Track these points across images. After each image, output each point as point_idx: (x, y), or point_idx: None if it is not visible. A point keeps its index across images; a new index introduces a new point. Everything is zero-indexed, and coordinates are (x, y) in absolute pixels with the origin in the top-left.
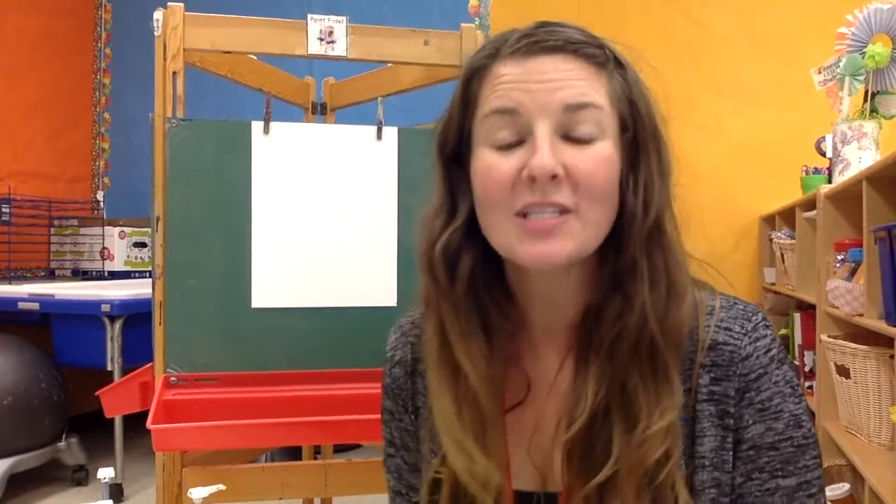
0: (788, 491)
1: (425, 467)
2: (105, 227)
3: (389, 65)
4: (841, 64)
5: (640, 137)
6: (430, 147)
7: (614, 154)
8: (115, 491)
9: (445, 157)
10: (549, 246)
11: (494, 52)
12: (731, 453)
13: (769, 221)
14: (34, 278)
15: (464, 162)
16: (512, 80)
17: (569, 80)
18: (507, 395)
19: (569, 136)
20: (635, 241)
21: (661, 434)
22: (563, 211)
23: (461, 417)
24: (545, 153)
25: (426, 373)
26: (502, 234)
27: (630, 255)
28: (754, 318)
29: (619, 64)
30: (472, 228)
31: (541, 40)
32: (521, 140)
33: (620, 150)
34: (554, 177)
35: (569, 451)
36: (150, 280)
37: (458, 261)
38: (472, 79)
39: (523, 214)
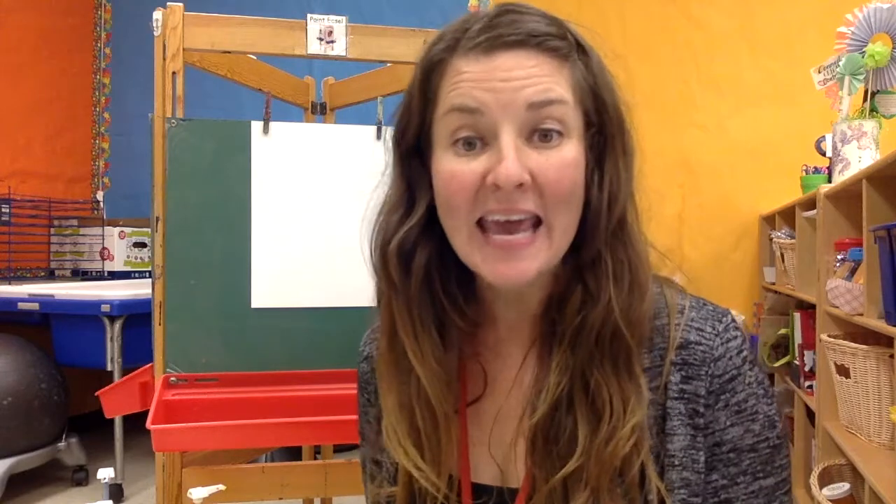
0: (769, 491)
1: (378, 462)
2: (105, 228)
3: (389, 64)
4: (841, 63)
5: (606, 131)
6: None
7: (579, 155)
8: (115, 491)
9: (403, 152)
10: (516, 266)
11: (454, 43)
12: (701, 453)
13: (769, 221)
14: (34, 278)
15: (423, 157)
16: (473, 79)
17: (532, 76)
18: (467, 390)
19: (533, 136)
20: (600, 236)
21: (629, 431)
22: (535, 224)
23: (412, 416)
24: (510, 161)
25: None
26: (466, 246)
27: (594, 249)
28: (724, 319)
29: (582, 51)
30: (430, 223)
31: (503, 34)
32: (484, 140)
33: (585, 146)
34: (520, 185)
35: (532, 440)
36: (150, 280)
37: (413, 256)
38: (432, 74)
39: (484, 224)
